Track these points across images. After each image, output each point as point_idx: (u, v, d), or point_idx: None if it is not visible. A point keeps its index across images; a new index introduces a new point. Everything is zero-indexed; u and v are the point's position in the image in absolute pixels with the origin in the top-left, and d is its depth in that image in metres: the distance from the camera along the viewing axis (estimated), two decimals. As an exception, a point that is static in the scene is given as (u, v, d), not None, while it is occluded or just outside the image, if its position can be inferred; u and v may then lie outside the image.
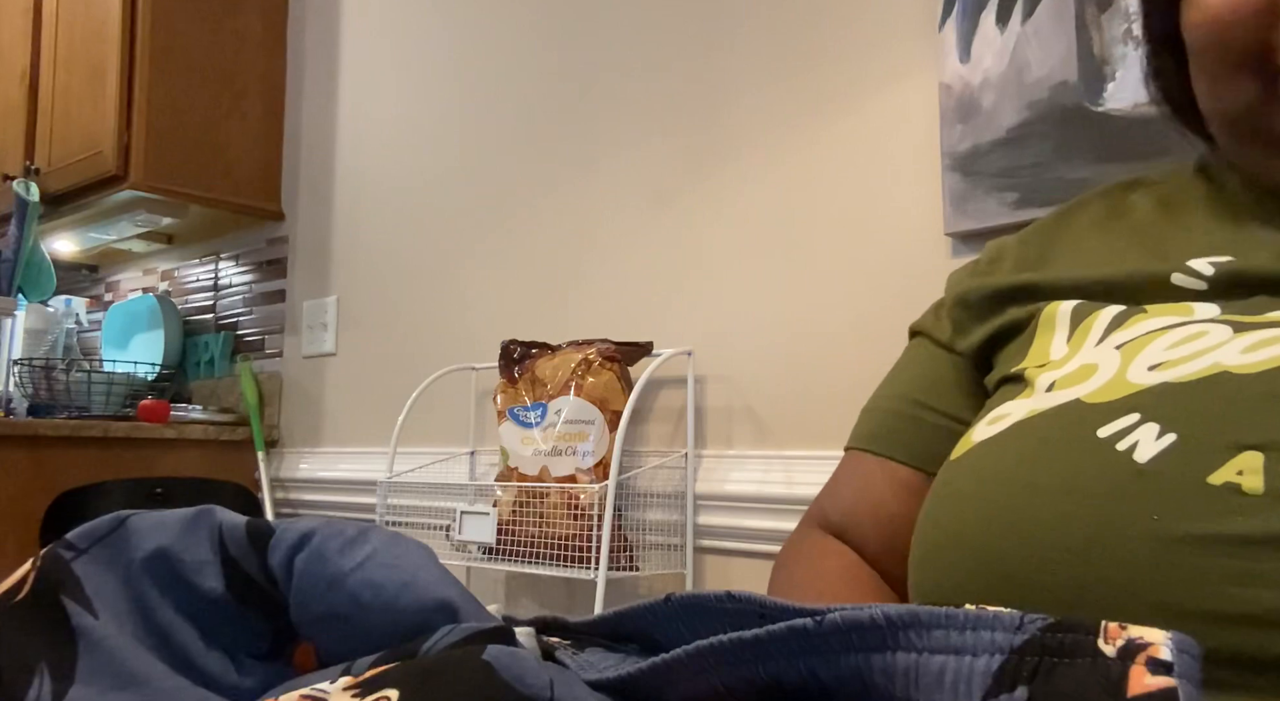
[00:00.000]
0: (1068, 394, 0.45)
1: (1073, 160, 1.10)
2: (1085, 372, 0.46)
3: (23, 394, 2.28)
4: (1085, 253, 0.57)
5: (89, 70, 2.20)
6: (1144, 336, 0.46)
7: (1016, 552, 0.40)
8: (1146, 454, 0.39)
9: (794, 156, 1.41)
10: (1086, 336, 0.49)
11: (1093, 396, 0.44)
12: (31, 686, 0.32)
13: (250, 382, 2.25)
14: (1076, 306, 0.52)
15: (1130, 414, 0.41)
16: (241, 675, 0.36)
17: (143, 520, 0.37)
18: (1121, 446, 0.40)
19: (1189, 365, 0.42)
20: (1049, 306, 0.53)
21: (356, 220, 2.16)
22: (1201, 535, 0.36)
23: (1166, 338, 0.45)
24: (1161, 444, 0.39)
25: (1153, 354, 0.44)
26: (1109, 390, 0.43)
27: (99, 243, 2.59)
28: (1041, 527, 0.40)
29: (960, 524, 0.44)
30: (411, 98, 2.06)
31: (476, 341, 1.82)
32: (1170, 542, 0.37)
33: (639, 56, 1.63)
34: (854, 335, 1.31)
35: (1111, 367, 0.45)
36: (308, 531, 0.35)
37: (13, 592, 0.34)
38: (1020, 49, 1.16)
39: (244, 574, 0.35)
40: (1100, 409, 0.43)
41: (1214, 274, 0.48)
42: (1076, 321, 0.51)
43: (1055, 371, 0.48)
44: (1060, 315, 0.52)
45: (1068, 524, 0.39)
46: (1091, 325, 0.49)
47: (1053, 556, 0.39)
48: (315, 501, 2.14)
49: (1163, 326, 0.46)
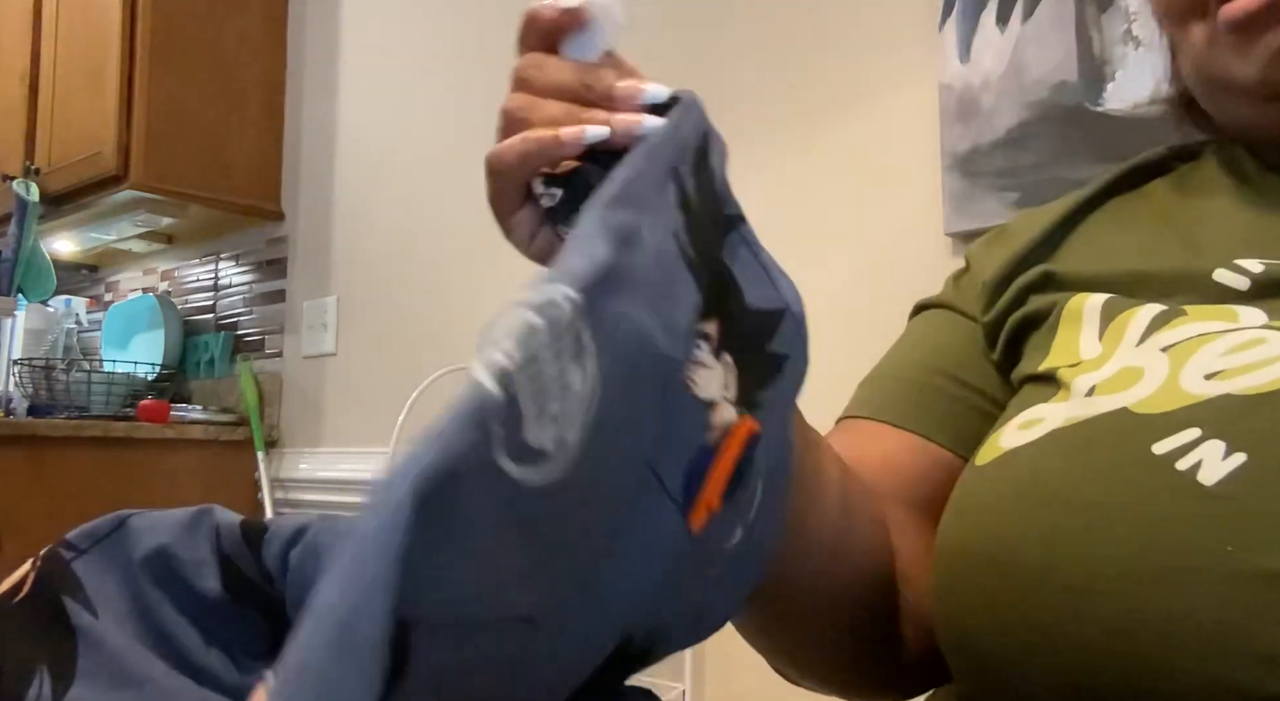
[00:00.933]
0: (1113, 401, 0.40)
1: (1073, 160, 1.10)
2: (1129, 377, 0.41)
3: (23, 394, 2.28)
4: (1105, 243, 0.53)
5: (89, 70, 2.20)
6: (1193, 340, 0.41)
7: (1066, 581, 0.36)
8: (1213, 476, 0.35)
9: (794, 156, 1.41)
10: (1123, 335, 0.44)
11: (1142, 406, 0.39)
12: (32, 686, 0.32)
13: (250, 383, 2.25)
14: (1108, 301, 0.47)
15: (1190, 428, 0.37)
16: (241, 674, 0.36)
17: (142, 520, 0.37)
18: (1182, 465, 0.36)
19: (1252, 376, 0.37)
20: (1074, 298, 0.48)
21: (356, 220, 2.16)
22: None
23: (1220, 343, 0.40)
24: (1229, 465, 0.35)
25: (1206, 360, 0.39)
26: (1161, 399, 0.39)
27: (99, 243, 2.59)
28: (1094, 554, 0.36)
29: (994, 545, 0.40)
30: (412, 97, 2.06)
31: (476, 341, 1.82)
32: (1247, 578, 0.33)
33: (638, 56, 1.63)
34: (854, 335, 1.31)
35: (1160, 373, 0.40)
36: (302, 526, 0.35)
37: (13, 592, 0.34)
38: (1020, 49, 1.16)
39: (240, 573, 0.36)
40: (1153, 421, 0.38)
41: (1262, 272, 0.44)
42: (1109, 317, 0.46)
43: (1093, 374, 0.43)
44: (1089, 308, 0.47)
45: (1125, 550, 0.35)
46: (1128, 323, 0.45)
47: (1109, 587, 0.35)
48: (315, 501, 2.14)
49: (1211, 331, 0.41)
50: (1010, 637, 0.38)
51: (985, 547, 0.40)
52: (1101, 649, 0.35)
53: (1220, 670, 0.32)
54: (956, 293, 0.58)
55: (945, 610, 0.43)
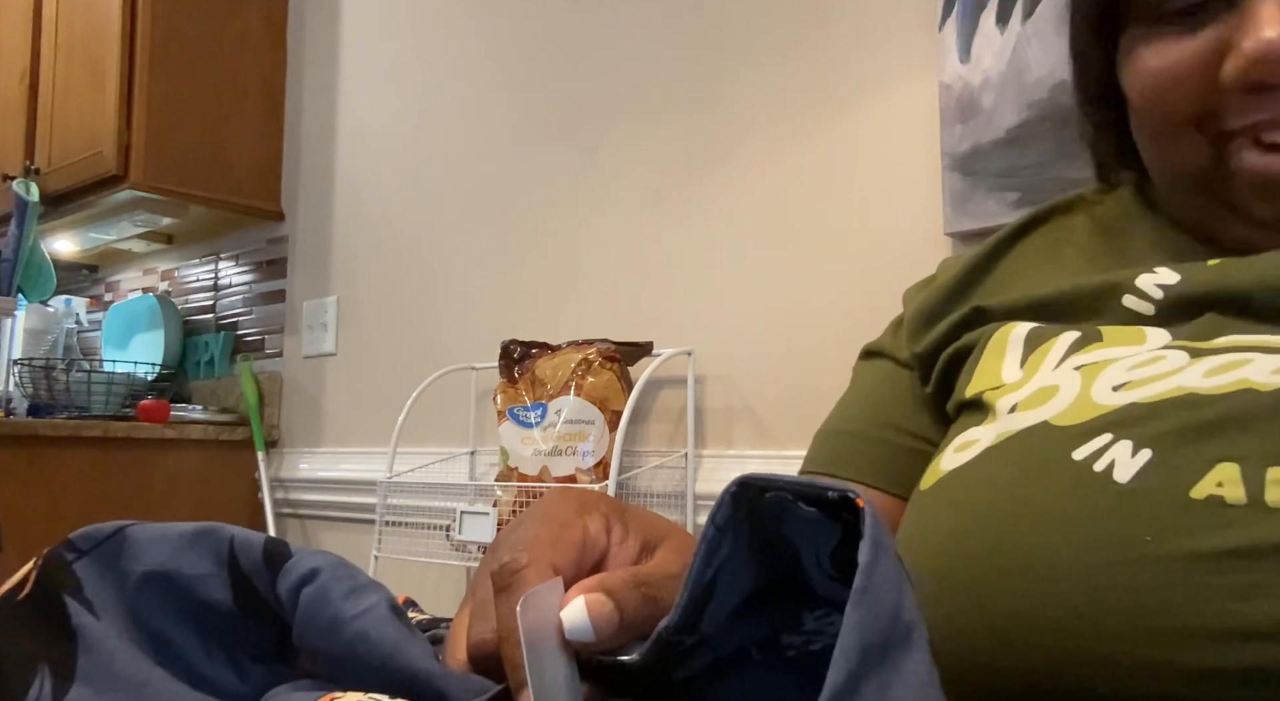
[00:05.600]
0: (1033, 416, 0.44)
1: (1073, 160, 1.10)
2: (1046, 394, 0.45)
3: (23, 394, 2.28)
4: (1032, 277, 0.56)
5: (89, 70, 2.20)
6: (1103, 361, 0.45)
7: (1013, 587, 0.39)
8: (1125, 473, 0.39)
9: (794, 157, 1.41)
10: (1043, 360, 0.48)
11: (1060, 418, 0.43)
12: (33, 685, 0.32)
13: (250, 382, 2.25)
14: (1032, 330, 0.51)
15: (1102, 434, 0.41)
16: (243, 680, 0.36)
17: (142, 530, 0.37)
18: (1099, 467, 0.40)
19: (1154, 386, 0.42)
20: (1000, 329, 0.52)
21: (356, 220, 2.16)
22: (1195, 552, 0.36)
23: (1126, 361, 0.44)
24: (1138, 462, 0.39)
25: (1115, 375, 0.44)
26: (1076, 412, 0.43)
27: (99, 243, 2.59)
28: (1033, 560, 0.39)
29: (943, 560, 0.43)
30: (411, 97, 2.06)
31: (476, 341, 1.82)
32: (1167, 563, 0.36)
33: (639, 56, 1.63)
34: (854, 335, 1.31)
35: (1073, 389, 0.44)
36: (317, 567, 0.35)
37: (15, 591, 0.34)
38: (1020, 49, 1.16)
39: (253, 589, 0.36)
40: (1070, 431, 0.42)
41: (1162, 298, 0.48)
42: (1032, 346, 0.50)
43: (1014, 394, 0.47)
44: (1013, 338, 0.51)
45: (1060, 553, 0.38)
46: (1049, 349, 0.49)
47: (1051, 589, 0.38)
48: (315, 501, 2.14)
49: (1120, 356, 0.45)
50: (969, 647, 0.40)
51: (936, 564, 0.43)
52: (1051, 647, 0.38)
53: (1154, 651, 0.35)
54: (894, 342, 0.63)
55: None
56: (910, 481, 0.55)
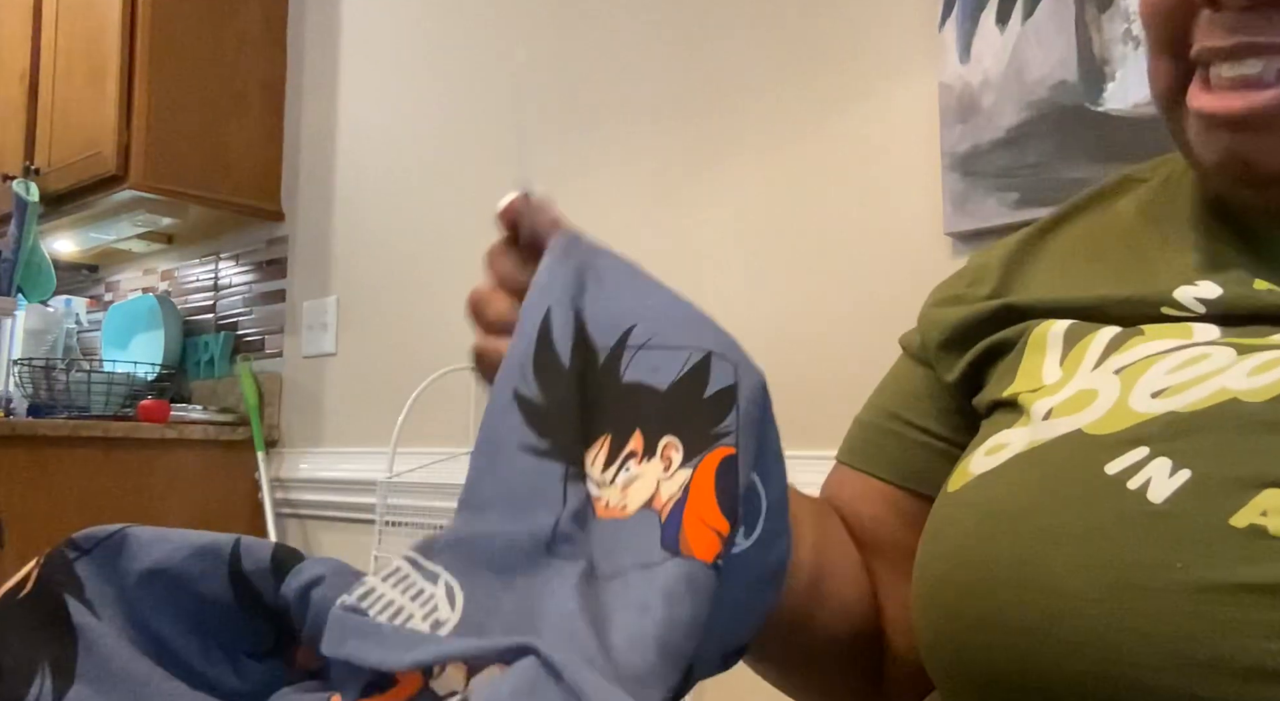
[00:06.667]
0: (1067, 423, 0.42)
1: (1073, 160, 1.10)
2: (1084, 399, 0.43)
3: (23, 394, 2.28)
4: (1072, 272, 0.55)
5: (89, 70, 2.20)
6: (1143, 360, 0.43)
7: (1034, 604, 0.38)
8: (1161, 494, 0.37)
9: (794, 156, 1.42)
10: (1082, 359, 0.47)
11: (1095, 427, 0.41)
12: (33, 685, 0.32)
13: (250, 383, 2.25)
14: (1070, 327, 0.49)
15: (1138, 447, 0.39)
16: (241, 678, 0.36)
17: (143, 533, 0.37)
18: (1133, 484, 0.38)
19: (1194, 390, 0.40)
20: (1039, 326, 0.51)
21: (356, 220, 2.16)
22: (1230, 584, 0.34)
23: (1167, 361, 0.42)
24: (1175, 482, 0.37)
25: (1154, 379, 0.42)
26: (1112, 420, 0.41)
27: (99, 243, 2.59)
28: (1057, 578, 0.38)
29: (964, 571, 0.42)
30: (411, 97, 2.06)
31: (476, 341, 1.82)
32: (1197, 593, 0.35)
33: (639, 55, 1.64)
34: (854, 335, 1.31)
35: (1111, 394, 0.42)
36: (324, 574, 0.35)
37: (16, 590, 0.35)
38: (1020, 49, 1.16)
39: (252, 588, 0.36)
40: (1105, 441, 0.40)
41: (1205, 312, 0.46)
42: (1070, 343, 0.48)
43: (1050, 398, 0.45)
44: (1052, 336, 0.50)
45: (1086, 573, 0.37)
46: (1087, 347, 0.47)
47: (1072, 608, 0.37)
48: (315, 501, 2.14)
49: (1162, 350, 0.43)
50: (988, 660, 0.40)
51: (957, 574, 0.42)
52: (1071, 667, 0.37)
53: (1175, 681, 0.34)
54: (912, 335, 0.63)
55: (924, 624, 0.45)
56: (924, 476, 0.55)
